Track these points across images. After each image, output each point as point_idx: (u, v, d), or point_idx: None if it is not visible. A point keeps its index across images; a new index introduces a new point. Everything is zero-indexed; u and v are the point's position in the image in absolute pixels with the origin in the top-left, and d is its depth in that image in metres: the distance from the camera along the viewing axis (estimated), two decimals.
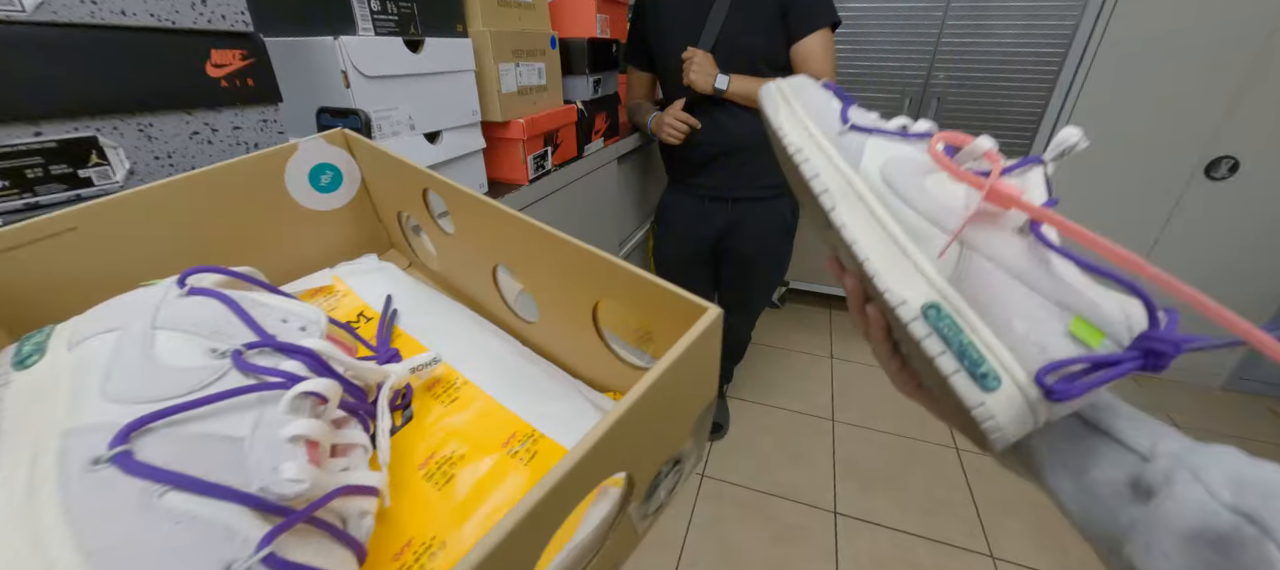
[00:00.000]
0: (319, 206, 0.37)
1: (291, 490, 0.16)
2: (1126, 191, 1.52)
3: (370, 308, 0.33)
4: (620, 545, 0.23)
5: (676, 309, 0.21)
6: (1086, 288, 0.21)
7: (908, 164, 0.26)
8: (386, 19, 0.56)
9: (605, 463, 0.17)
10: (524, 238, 0.27)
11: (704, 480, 1.36)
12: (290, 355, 0.20)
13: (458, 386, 0.28)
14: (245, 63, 0.43)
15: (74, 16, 0.34)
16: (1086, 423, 0.22)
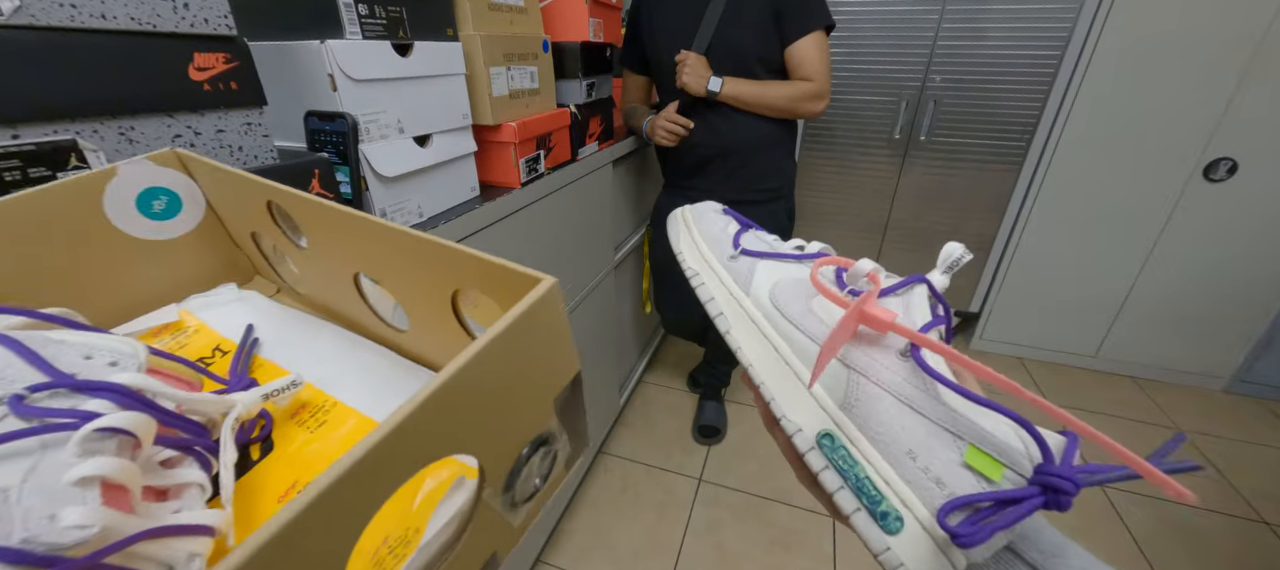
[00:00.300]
0: (156, 236, 0.33)
1: (71, 538, 0.14)
2: (1125, 194, 1.52)
3: (228, 340, 0.30)
4: (490, 537, 0.22)
5: (518, 284, 0.21)
6: (975, 413, 0.20)
7: (795, 287, 0.26)
8: (374, 23, 0.56)
9: (425, 443, 0.16)
10: (373, 238, 0.26)
11: (701, 485, 1.35)
12: (93, 394, 0.18)
13: (326, 409, 0.26)
14: (228, 66, 0.43)
15: (53, 20, 0.34)
16: (1013, 553, 0.20)
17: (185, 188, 0.33)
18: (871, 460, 0.20)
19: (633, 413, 1.60)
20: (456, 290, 0.25)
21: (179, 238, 0.34)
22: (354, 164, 0.55)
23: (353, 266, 0.29)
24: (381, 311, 0.31)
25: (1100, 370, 1.77)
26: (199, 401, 0.21)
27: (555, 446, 0.23)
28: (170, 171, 0.33)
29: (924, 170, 1.68)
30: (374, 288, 0.31)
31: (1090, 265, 1.63)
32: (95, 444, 0.16)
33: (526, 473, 0.22)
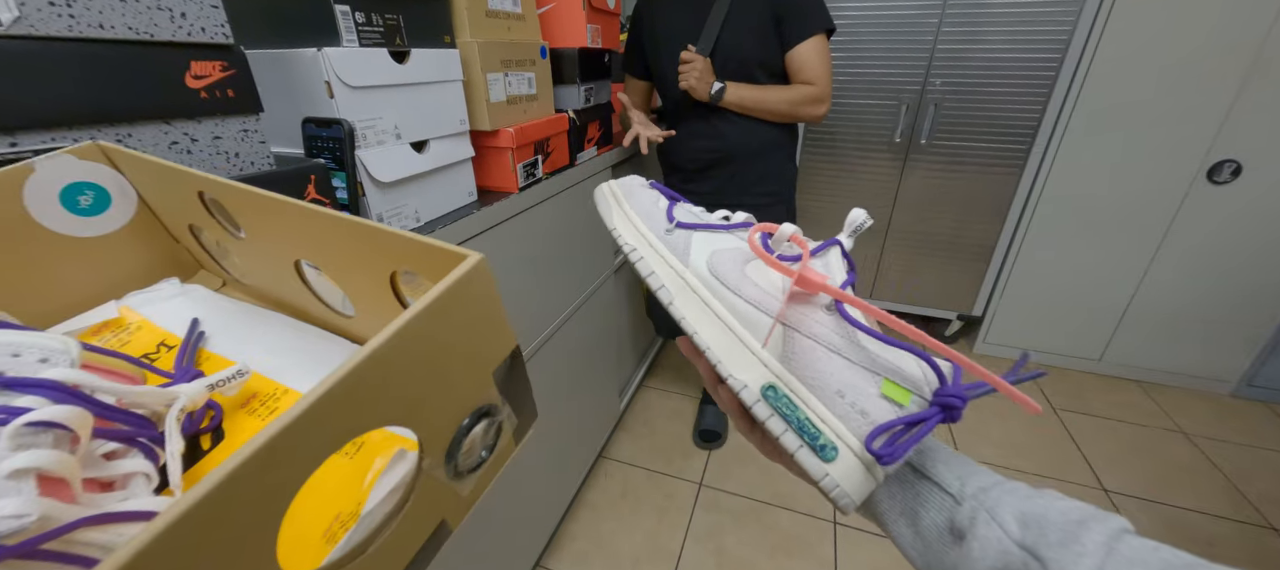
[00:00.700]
0: (85, 232, 0.32)
1: (7, 526, 0.15)
2: (1127, 197, 1.51)
3: (172, 335, 0.30)
4: (438, 504, 0.22)
5: (446, 261, 0.21)
6: (890, 354, 0.24)
7: (730, 256, 0.28)
8: (371, 31, 0.57)
9: (352, 414, 0.16)
10: (306, 224, 0.26)
11: (702, 489, 1.35)
12: (23, 390, 0.18)
13: (276, 398, 0.26)
14: (225, 74, 0.43)
15: (51, 29, 0.34)
16: (914, 469, 0.25)
17: (112, 181, 0.32)
18: (809, 403, 0.24)
19: (633, 417, 1.60)
20: (395, 272, 0.25)
21: (112, 233, 0.33)
22: (350, 170, 0.55)
23: (292, 253, 0.29)
24: (328, 299, 0.31)
25: (1105, 374, 1.75)
26: (140, 394, 0.22)
27: (499, 418, 0.24)
28: (93, 165, 0.32)
29: (925, 174, 1.67)
30: (320, 276, 0.31)
31: (1093, 269, 1.62)
32: (28, 438, 0.17)
33: (469, 444, 0.22)
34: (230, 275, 0.36)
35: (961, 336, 1.96)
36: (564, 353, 1.06)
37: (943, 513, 0.23)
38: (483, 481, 0.24)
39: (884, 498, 0.25)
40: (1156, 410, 1.59)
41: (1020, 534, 0.20)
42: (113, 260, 0.33)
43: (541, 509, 1.10)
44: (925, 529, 0.23)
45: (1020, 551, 0.19)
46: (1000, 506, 0.21)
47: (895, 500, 0.25)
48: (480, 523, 0.84)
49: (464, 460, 0.22)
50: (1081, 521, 0.19)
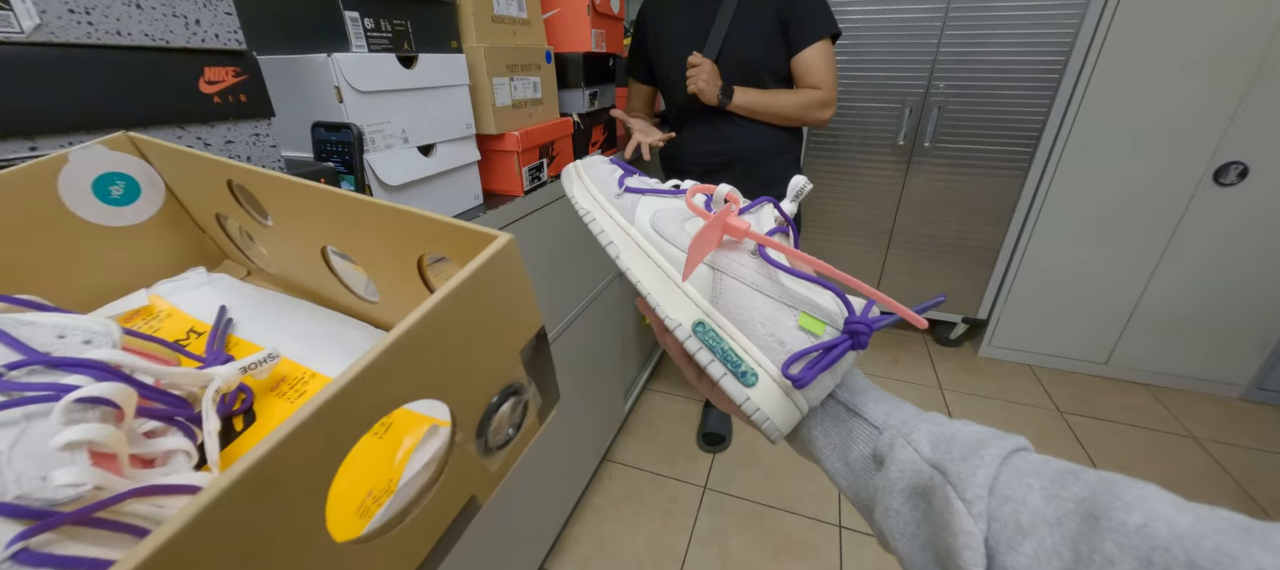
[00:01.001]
0: (117, 222, 0.32)
1: (65, 494, 0.15)
2: (1133, 199, 1.50)
3: (201, 322, 0.30)
4: (468, 479, 0.23)
5: (476, 242, 0.22)
6: (807, 290, 0.26)
7: (671, 213, 0.32)
8: (380, 36, 0.57)
9: (390, 387, 0.17)
10: (334, 210, 0.26)
11: (706, 492, 1.35)
12: (70, 370, 0.19)
13: (305, 381, 0.27)
14: (238, 79, 0.44)
15: (71, 36, 0.35)
16: (846, 407, 0.27)
17: (142, 172, 0.33)
18: (733, 336, 0.26)
19: (637, 420, 1.60)
20: (422, 256, 0.25)
21: (142, 223, 0.34)
22: (359, 173, 0.56)
23: (318, 241, 0.30)
24: (353, 286, 0.32)
25: (1112, 377, 1.74)
26: (178, 375, 0.22)
27: (525, 396, 0.24)
28: (124, 156, 0.32)
29: (929, 177, 1.67)
30: (345, 264, 0.32)
31: (1099, 271, 1.61)
32: (78, 413, 0.17)
33: (498, 421, 0.23)
34: (254, 264, 0.37)
35: (967, 340, 1.95)
36: (568, 356, 1.07)
37: (868, 444, 0.25)
38: (510, 458, 0.25)
39: (819, 436, 0.27)
40: (1165, 414, 1.58)
41: (930, 454, 0.22)
42: (142, 249, 0.34)
43: (545, 512, 1.11)
44: (853, 460, 0.25)
45: (929, 468, 0.21)
46: (916, 432, 0.23)
47: (830, 438, 0.27)
48: (484, 525, 0.85)
49: (493, 437, 0.23)
50: (982, 439, 0.21)
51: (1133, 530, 0.16)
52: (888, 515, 0.22)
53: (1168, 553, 0.15)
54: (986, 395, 1.68)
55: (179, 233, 0.36)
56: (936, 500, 0.20)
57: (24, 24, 0.33)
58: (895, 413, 0.25)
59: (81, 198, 0.31)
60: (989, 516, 0.19)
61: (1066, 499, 0.18)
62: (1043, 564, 0.17)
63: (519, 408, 0.24)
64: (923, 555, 0.21)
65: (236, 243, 0.36)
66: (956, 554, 0.18)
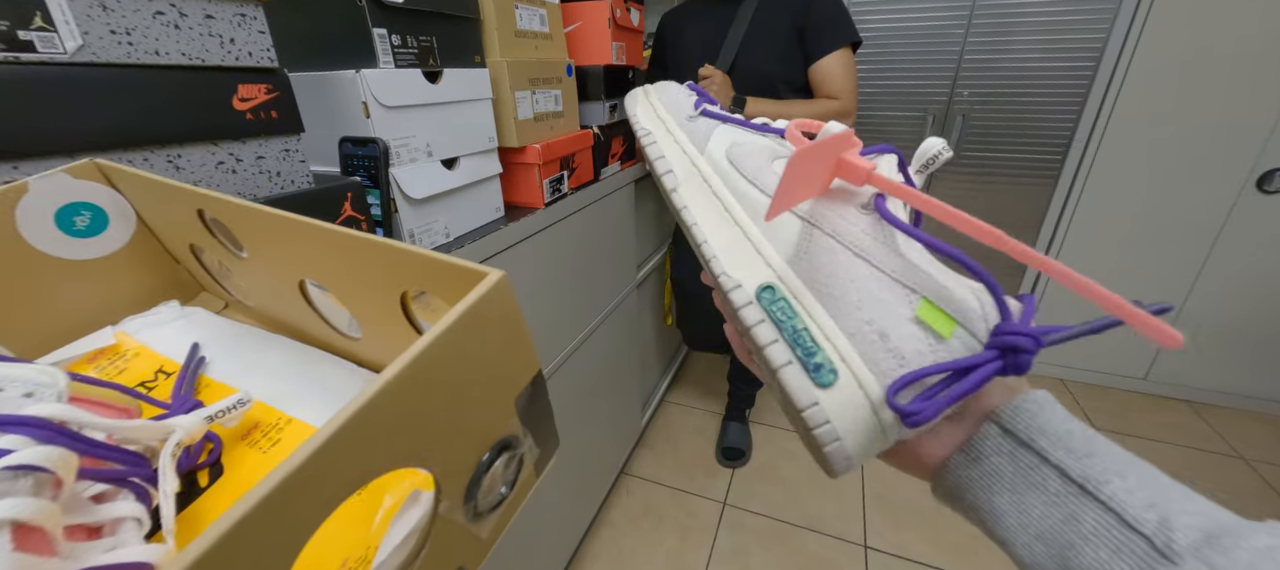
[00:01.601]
0: (81, 255, 0.30)
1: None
2: (1170, 208, 1.44)
3: (171, 361, 0.28)
4: (454, 551, 0.20)
5: (465, 280, 0.19)
6: (936, 270, 0.19)
7: (756, 148, 0.25)
8: (406, 52, 0.58)
9: (363, 458, 0.15)
10: (311, 242, 0.24)
11: (726, 509, 1.32)
12: (5, 429, 0.17)
13: (280, 428, 0.25)
14: (269, 96, 0.45)
15: (111, 57, 0.36)
16: (1063, 475, 0.17)
17: (110, 201, 0.31)
18: (813, 312, 0.19)
19: (654, 433, 1.58)
20: (406, 292, 0.23)
21: (109, 255, 0.32)
22: (384, 187, 0.56)
23: (296, 273, 0.28)
24: (334, 321, 0.30)
25: (1151, 393, 1.67)
26: (133, 429, 0.20)
27: (520, 450, 0.22)
28: (89, 185, 0.30)
29: (953, 185, 1.64)
30: (325, 298, 0.30)
31: (1136, 282, 1.55)
32: (6, 485, 0.15)
33: (489, 481, 0.20)
34: (232, 297, 0.35)
35: None
36: (586, 368, 1.06)
37: (1125, 560, 0.15)
38: (502, 520, 0.23)
39: (1008, 508, 0.17)
40: (1210, 432, 1.51)
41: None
42: (110, 283, 0.32)
43: (562, 527, 1.09)
44: (1089, 567, 0.16)
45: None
46: (1211, 551, 0.14)
47: (1030, 516, 0.17)
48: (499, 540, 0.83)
49: (484, 499, 0.20)
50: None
51: None
52: None
53: None
54: None
55: (151, 265, 0.34)
56: None
57: (67, 45, 0.34)
58: (1173, 514, 0.15)
59: (42, 229, 0.29)
60: None
61: None
62: None
63: (513, 463, 0.22)
64: None
65: (213, 274, 0.34)
66: None
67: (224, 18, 0.41)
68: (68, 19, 0.34)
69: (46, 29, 0.33)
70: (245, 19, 0.42)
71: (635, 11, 1.06)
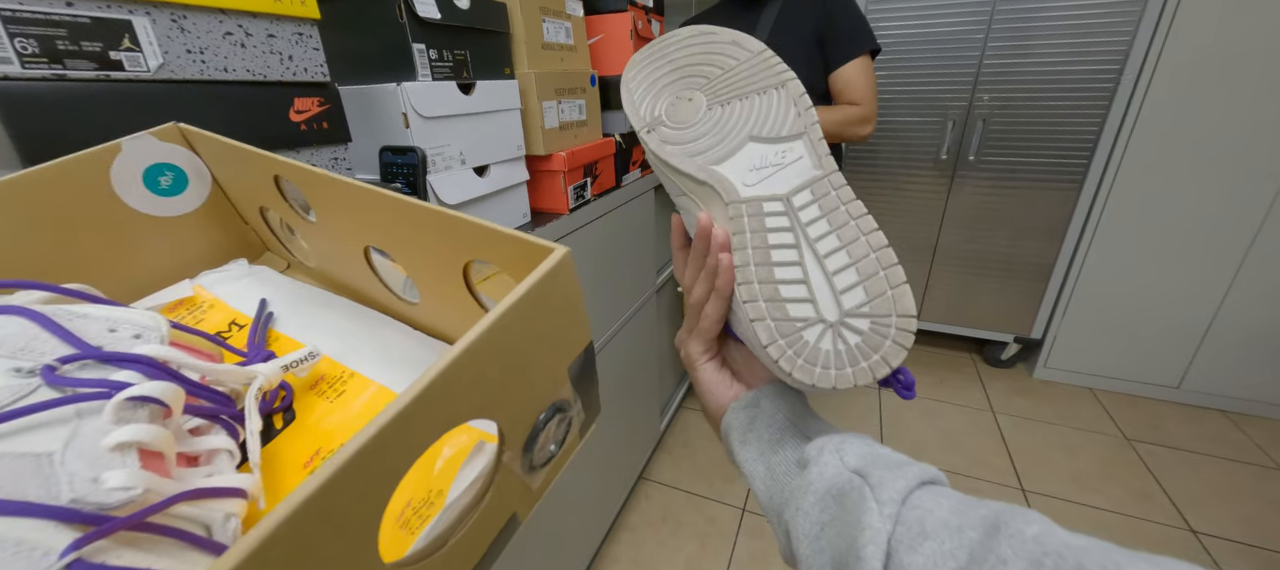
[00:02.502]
0: (164, 212, 0.33)
1: (116, 498, 0.15)
2: (1202, 211, 1.41)
3: (242, 315, 0.30)
4: (511, 497, 0.22)
5: (532, 254, 0.21)
6: None
7: None
8: (443, 66, 0.61)
9: (448, 406, 0.16)
10: (385, 211, 0.26)
11: (745, 515, 1.32)
12: (121, 365, 0.18)
13: (344, 380, 0.26)
14: (322, 108, 0.48)
15: (187, 74, 0.39)
16: (787, 419, 0.29)
17: (190, 163, 0.34)
18: None
19: (673, 438, 1.59)
20: (468, 262, 0.25)
21: (188, 214, 0.34)
22: (422, 194, 0.59)
23: (363, 240, 0.29)
24: (392, 284, 0.31)
25: (1185, 403, 1.62)
26: (222, 372, 0.22)
27: (570, 413, 0.24)
28: (174, 147, 0.33)
29: (974, 191, 1.62)
30: (382, 261, 0.31)
31: (1167, 288, 1.51)
32: (128, 412, 0.17)
33: (543, 438, 0.22)
34: (294, 258, 0.37)
35: (1019, 361, 1.86)
36: (606, 371, 1.08)
37: (795, 452, 0.27)
38: (550, 475, 0.25)
39: (752, 439, 0.29)
40: (1247, 443, 1.45)
41: (856, 464, 0.23)
42: (188, 240, 0.34)
43: (581, 530, 1.10)
44: (775, 464, 0.27)
45: (850, 473, 0.22)
46: (847, 445, 0.24)
47: (761, 441, 0.28)
48: (518, 545, 0.85)
49: (538, 454, 0.22)
50: (909, 461, 0.23)
51: (1028, 538, 0.17)
52: (798, 514, 0.23)
53: (1059, 558, 0.16)
54: (1043, 420, 1.59)
55: (223, 224, 0.36)
56: (850, 500, 0.21)
57: (150, 64, 0.37)
58: (832, 434, 0.26)
59: (132, 187, 0.31)
60: (897, 519, 0.20)
61: (971, 514, 0.19)
62: (939, 564, 0.18)
63: (563, 424, 0.23)
64: (820, 559, 0.22)
65: (278, 235, 0.36)
66: (859, 549, 0.19)
67: (284, 36, 0.44)
68: (151, 40, 0.37)
69: (133, 49, 0.36)
70: (302, 37, 0.45)
71: (656, 23, 1.09)
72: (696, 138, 0.34)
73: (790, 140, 0.31)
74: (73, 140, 0.35)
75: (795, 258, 0.28)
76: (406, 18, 0.56)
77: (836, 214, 0.28)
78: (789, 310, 0.27)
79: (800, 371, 0.26)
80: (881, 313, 0.26)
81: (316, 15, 0.46)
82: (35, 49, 0.32)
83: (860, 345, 0.26)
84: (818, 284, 0.27)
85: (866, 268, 0.26)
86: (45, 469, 0.15)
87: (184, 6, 0.38)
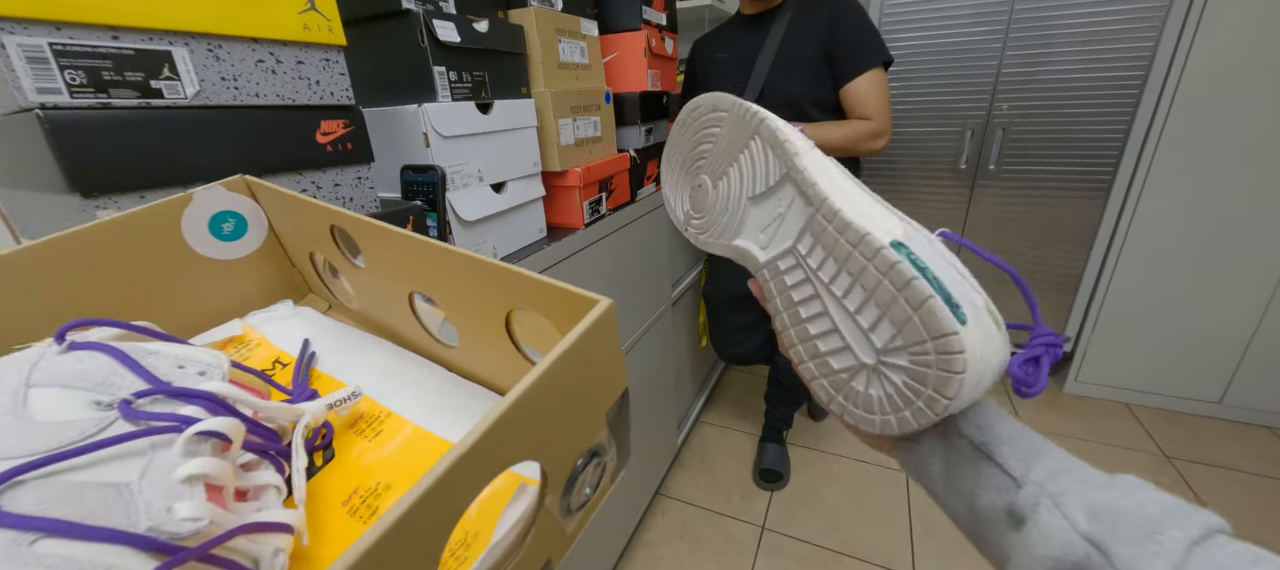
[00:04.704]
0: (224, 256, 0.35)
1: (186, 529, 0.16)
2: (1240, 217, 1.36)
3: (286, 354, 0.32)
4: (548, 542, 0.22)
5: (575, 306, 0.22)
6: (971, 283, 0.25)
7: None
8: (462, 86, 0.63)
9: (504, 448, 0.17)
10: (432, 260, 0.27)
11: (764, 533, 1.29)
12: (187, 400, 0.19)
13: (382, 420, 0.27)
14: (346, 130, 0.49)
15: (221, 99, 0.41)
16: (973, 445, 0.24)
17: (251, 211, 0.36)
18: (939, 267, 0.24)
19: (690, 453, 1.57)
20: (510, 311, 0.26)
21: (244, 257, 0.36)
22: (441, 211, 0.61)
23: (409, 285, 0.31)
24: (430, 327, 0.33)
25: (1228, 419, 1.54)
26: (273, 409, 0.23)
27: (605, 458, 0.24)
28: (238, 196, 0.35)
29: (995, 201, 1.59)
30: (421, 305, 0.33)
31: (1204, 298, 1.45)
32: (196, 446, 0.18)
33: (580, 482, 0.22)
34: (335, 299, 0.39)
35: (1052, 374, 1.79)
36: None
37: (1001, 495, 0.21)
38: (583, 520, 0.25)
39: (938, 472, 0.24)
40: None
41: (1087, 526, 0.18)
42: (241, 281, 0.37)
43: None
44: (981, 509, 0.22)
45: (1085, 544, 0.18)
46: (1067, 494, 0.19)
47: (952, 477, 0.24)
48: None
49: (575, 498, 0.23)
50: (1161, 517, 0.17)
51: None
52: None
53: None
54: (1076, 436, 1.53)
55: (274, 267, 0.39)
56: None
57: (188, 91, 0.39)
58: (1037, 462, 0.21)
59: (199, 233, 0.34)
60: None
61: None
62: None
63: (598, 468, 0.24)
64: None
65: (321, 277, 0.38)
66: None
67: (311, 62, 0.46)
68: (189, 69, 0.39)
69: (172, 78, 0.38)
70: (329, 63, 0.47)
71: (670, 40, 1.10)
72: (715, 220, 0.34)
73: (779, 188, 0.30)
74: (115, 164, 0.36)
75: (820, 308, 0.27)
76: (428, 42, 0.58)
77: (838, 248, 0.26)
78: (831, 363, 0.27)
79: (864, 423, 0.25)
80: (915, 341, 0.23)
81: (343, 42, 0.48)
82: (82, 80, 0.34)
83: (907, 383, 0.24)
84: (847, 329, 0.26)
85: (883, 296, 0.24)
86: (124, 498, 0.16)
87: (220, 37, 0.40)
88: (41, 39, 0.32)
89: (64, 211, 0.37)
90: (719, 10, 1.65)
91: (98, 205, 0.36)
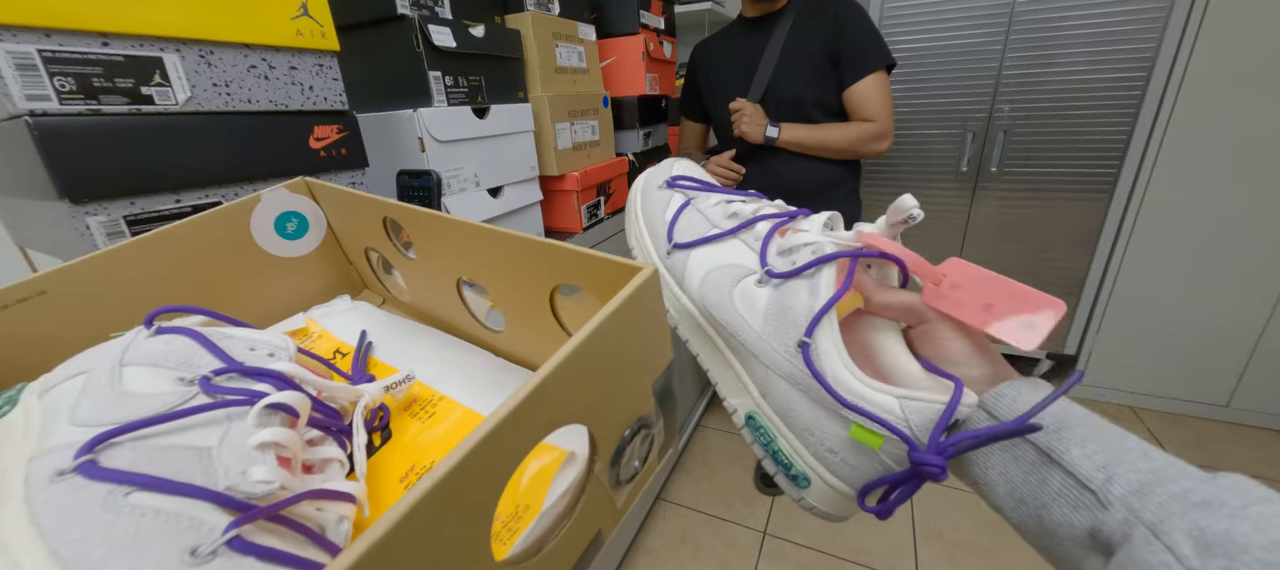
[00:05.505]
0: (288, 253, 0.38)
1: (259, 490, 0.17)
2: (1242, 220, 1.35)
3: (346, 344, 0.34)
4: (598, 513, 0.23)
5: (617, 274, 0.22)
6: (868, 391, 0.22)
7: (721, 275, 0.28)
8: (458, 91, 0.63)
9: (553, 407, 0.17)
10: (475, 242, 0.28)
11: (766, 538, 1.28)
12: (258, 378, 0.22)
13: (434, 403, 0.29)
14: (340, 135, 0.49)
15: (214, 105, 0.41)
16: (1040, 450, 0.20)
17: (311, 211, 0.38)
18: (785, 436, 0.25)
19: (691, 458, 1.56)
20: (554, 289, 0.27)
21: (306, 256, 0.39)
22: None
23: (457, 272, 0.32)
24: (478, 314, 0.34)
25: (1236, 422, 1.52)
26: (335, 389, 0.25)
27: (653, 431, 0.24)
28: (300, 197, 0.38)
29: (997, 203, 1.58)
30: (472, 294, 0.34)
31: (1210, 300, 1.44)
32: (267, 417, 0.20)
33: (629, 453, 0.23)
34: (389, 294, 0.41)
35: (1054, 378, 1.78)
36: None
37: (1081, 514, 0.18)
38: (632, 494, 0.25)
39: (997, 479, 0.21)
40: None
41: (1200, 563, 0.15)
42: (304, 278, 0.39)
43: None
44: (1055, 526, 0.19)
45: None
46: (1168, 521, 0.16)
47: (1013, 485, 0.20)
48: None
49: (624, 469, 0.23)
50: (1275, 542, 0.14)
51: None
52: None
53: None
54: None
55: (332, 265, 0.41)
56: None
57: (179, 97, 0.39)
58: (1121, 473, 0.18)
59: (266, 232, 0.37)
60: None
61: None
62: None
63: (646, 442, 0.24)
64: None
65: (376, 274, 0.41)
66: None
67: (305, 68, 0.46)
68: (180, 75, 0.39)
69: (163, 84, 0.38)
70: (322, 68, 0.47)
71: (668, 44, 1.10)
72: None
73: None
74: (106, 170, 0.36)
75: None
76: (423, 47, 0.58)
77: None
78: None
79: None
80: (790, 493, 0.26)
81: (336, 47, 0.48)
82: (72, 87, 0.34)
83: None
84: None
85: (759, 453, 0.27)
86: (205, 460, 0.18)
87: (211, 43, 0.40)
88: (30, 46, 0.32)
89: (56, 218, 0.37)
90: (719, 14, 1.65)
91: (88, 212, 0.36)
